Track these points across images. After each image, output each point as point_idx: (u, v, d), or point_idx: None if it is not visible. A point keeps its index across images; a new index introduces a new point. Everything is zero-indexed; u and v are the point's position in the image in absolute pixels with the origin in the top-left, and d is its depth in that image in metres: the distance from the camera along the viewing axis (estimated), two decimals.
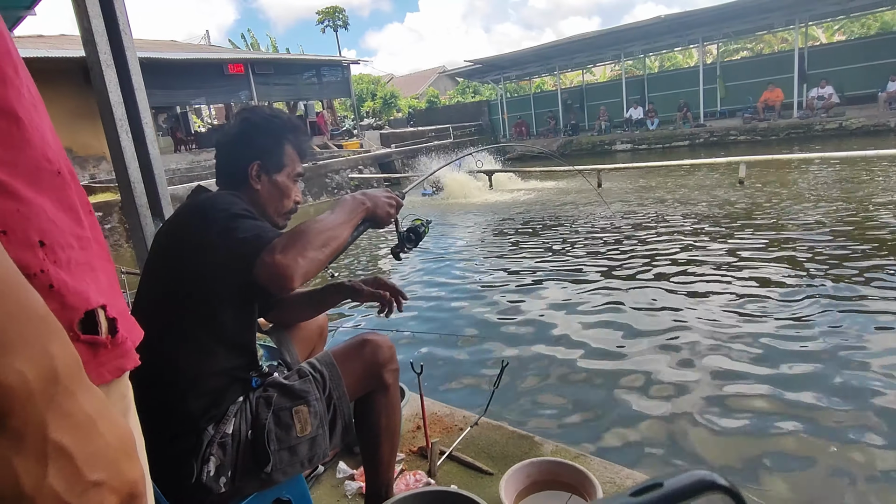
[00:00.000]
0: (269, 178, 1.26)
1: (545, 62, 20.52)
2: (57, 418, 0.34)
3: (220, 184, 1.30)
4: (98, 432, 0.36)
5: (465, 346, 3.31)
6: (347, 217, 1.17)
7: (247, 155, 1.24)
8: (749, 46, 25.22)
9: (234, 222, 1.06)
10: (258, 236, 1.03)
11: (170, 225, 1.20)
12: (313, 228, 1.07)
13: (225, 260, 1.05)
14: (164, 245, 1.16)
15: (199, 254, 1.07)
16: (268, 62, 18.28)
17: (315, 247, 1.05)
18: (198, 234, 1.08)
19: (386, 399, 1.32)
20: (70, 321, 0.45)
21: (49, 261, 0.44)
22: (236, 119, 1.28)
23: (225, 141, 1.28)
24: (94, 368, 0.46)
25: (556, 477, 1.54)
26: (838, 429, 2.15)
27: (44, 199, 0.45)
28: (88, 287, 0.48)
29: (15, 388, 0.32)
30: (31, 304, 0.35)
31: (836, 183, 7.69)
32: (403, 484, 1.65)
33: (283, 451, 1.14)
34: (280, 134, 1.27)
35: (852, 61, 15.41)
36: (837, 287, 3.61)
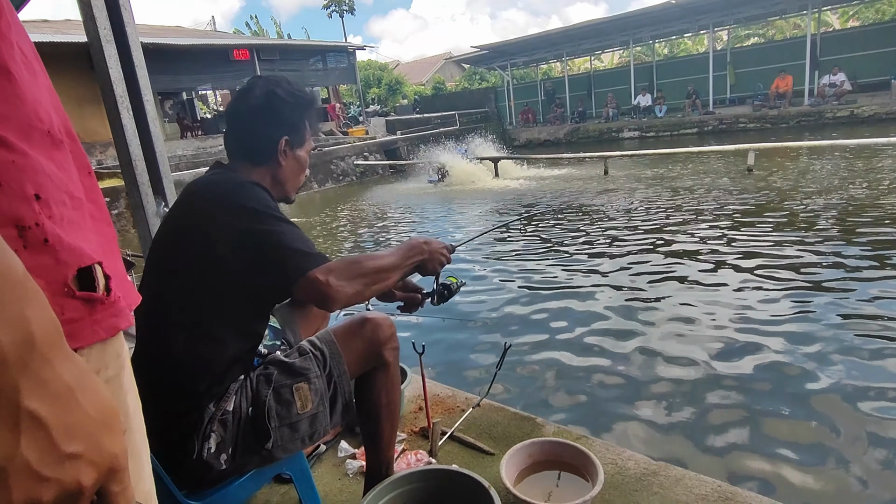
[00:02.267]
0: (293, 153, 1.24)
1: (552, 48, 20.27)
2: (32, 386, 0.32)
3: (238, 158, 1.23)
4: (77, 402, 0.35)
5: (469, 329, 3.31)
6: (403, 261, 1.19)
7: (276, 129, 1.20)
8: (760, 32, 24.77)
9: (279, 226, 1.04)
10: (309, 253, 1.04)
11: (188, 207, 1.12)
12: (370, 264, 1.10)
13: (260, 260, 1.04)
14: (183, 227, 1.10)
15: (227, 246, 1.04)
16: (273, 48, 18.19)
17: (366, 282, 1.09)
18: (228, 225, 1.04)
19: (386, 377, 1.32)
20: (64, 277, 0.44)
21: (44, 215, 0.43)
22: (256, 90, 1.20)
23: (248, 112, 1.20)
24: (89, 325, 0.46)
25: (557, 457, 1.54)
26: (850, 419, 2.14)
27: (38, 155, 0.44)
28: (83, 244, 0.48)
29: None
30: (8, 266, 0.33)
31: (845, 171, 7.59)
32: (405, 463, 1.66)
33: (284, 427, 1.14)
34: (304, 108, 1.24)
35: (865, 48, 15.11)
36: (849, 274, 3.58)
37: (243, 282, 1.06)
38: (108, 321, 0.48)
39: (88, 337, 0.45)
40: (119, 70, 1.60)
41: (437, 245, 1.28)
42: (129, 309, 0.53)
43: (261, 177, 1.21)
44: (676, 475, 1.52)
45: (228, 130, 1.23)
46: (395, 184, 13.11)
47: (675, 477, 1.51)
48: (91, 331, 0.46)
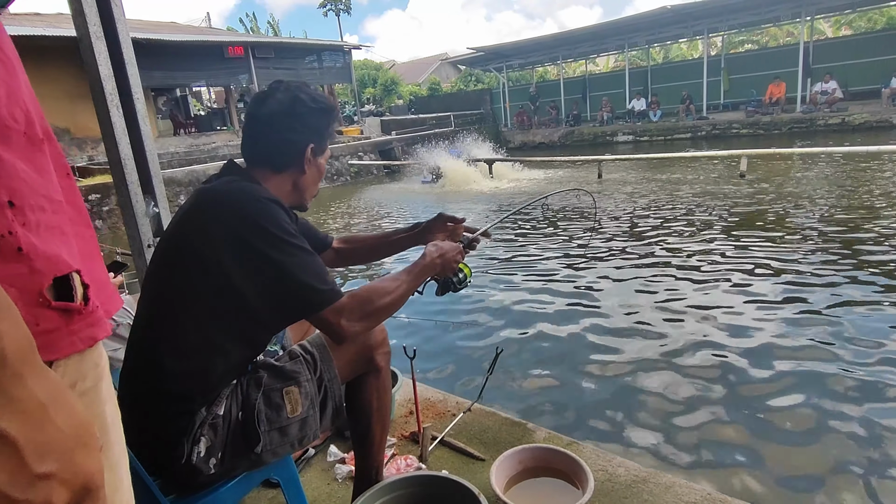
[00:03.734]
0: (315, 161, 1.21)
1: (548, 51, 20.33)
2: (2, 404, 0.31)
3: (258, 163, 1.18)
4: (49, 420, 0.33)
5: (460, 333, 3.30)
6: (418, 282, 1.21)
7: (302, 136, 1.17)
8: (754, 39, 24.98)
9: (295, 255, 1.02)
10: (322, 290, 1.03)
11: (201, 216, 1.06)
12: (382, 302, 1.10)
13: (272, 290, 1.02)
14: (194, 237, 1.05)
15: (240, 269, 1.01)
16: (268, 46, 18.09)
17: (377, 318, 1.11)
18: (244, 248, 1.01)
19: (377, 382, 1.31)
20: (39, 286, 0.42)
21: (17, 222, 0.41)
22: (279, 94, 1.16)
23: (272, 118, 1.15)
24: (66, 336, 0.44)
25: (547, 464, 1.53)
26: (843, 418, 2.15)
27: (13, 158, 0.43)
28: (60, 251, 0.46)
29: None
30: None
31: (836, 177, 7.66)
32: (394, 468, 1.64)
33: (274, 431, 1.12)
34: (328, 114, 1.21)
35: (857, 56, 15.28)
36: (839, 279, 3.60)
37: (252, 304, 1.04)
38: (85, 331, 0.46)
39: (65, 348, 0.44)
40: (109, 67, 1.58)
41: (451, 253, 1.28)
42: (108, 317, 0.52)
43: (281, 184, 1.18)
44: (666, 482, 1.52)
45: (249, 135, 1.19)
46: (390, 184, 13.09)
47: (664, 484, 1.51)
48: (68, 342, 0.44)
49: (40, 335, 0.42)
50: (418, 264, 1.21)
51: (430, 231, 1.49)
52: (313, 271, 1.03)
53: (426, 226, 1.50)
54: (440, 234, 1.48)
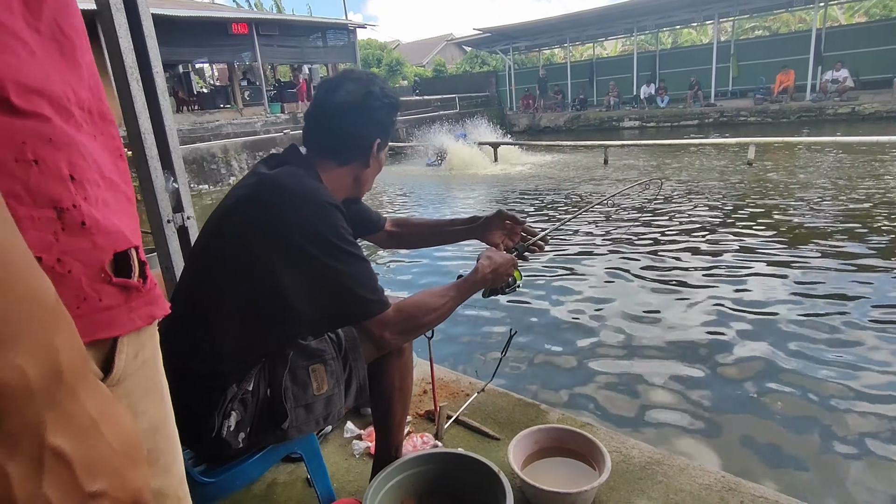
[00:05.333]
0: (378, 155, 1.21)
1: (556, 33, 20.05)
2: (57, 421, 0.30)
3: (322, 154, 1.17)
4: (101, 436, 0.33)
5: (473, 313, 3.31)
6: (465, 299, 1.21)
7: (372, 130, 1.16)
8: (766, 25, 24.58)
9: (351, 265, 1.03)
10: (371, 301, 1.05)
11: (255, 209, 1.04)
12: (428, 319, 1.12)
13: (323, 294, 1.04)
14: (243, 227, 1.05)
15: (290, 269, 1.02)
16: (273, 23, 17.83)
17: (421, 332, 1.15)
18: (295, 248, 1.01)
19: (400, 362, 1.32)
20: (101, 261, 0.42)
21: (80, 196, 0.41)
22: (351, 85, 1.15)
23: (344, 110, 1.13)
24: (126, 314, 0.44)
25: (563, 444, 1.55)
26: (856, 416, 2.17)
27: (72, 133, 0.42)
28: (120, 226, 0.46)
29: (13, 387, 0.29)
30: (40, 291, 0.31)
31: (844, 167, 7.62)
32: (411, 445, 1.67)
33: (300, 408, 1.13)
34: (395, 110, 1.21)
35: (869, 44, 15.05)
36: (845, 269, 3.61)
37: (298, 306, 1.06)
38: (144, 309, 0.46)
39: (126, 325, 0.44)
40: (129, 40, 1.55)
41: (504, 267, 1.27)
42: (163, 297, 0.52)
43: (343, 176, 1.18)
44: (680, 465, 1.54)
45: (315, 124, 1.17)
46: (393, 166, 13.02)
47: (678, 466, 1.53)
48: (128, 318, 0.44)
49: (103, 311, 0.42)
50: (469, 280, 1.21)
51: (488, 228, 1.47)
52: (364, 281, 1.04)
53: (485, 222, 1.48)
54: (498, 231, 1.46)
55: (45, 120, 0.38)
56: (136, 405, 0.46)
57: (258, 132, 14.54)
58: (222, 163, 11.81)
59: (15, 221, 0.33)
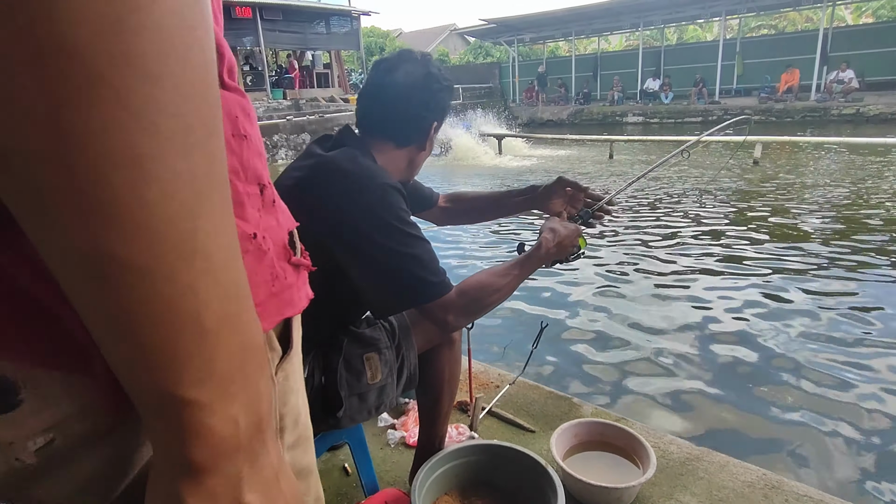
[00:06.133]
0: (433, 138, 1.20)
1: (561, 26, 19.91)
2: (252, 475, 0.28)
3: (380, 134, 1.14)
4: (279, 491, 0.30)
5: (502, 305, 3.28)
6: (529, 274, 1.16)
7: (432, 112, 1.15)
8: (772, 23, 24.50)
9: (413, 247, 1.00)
10: (434, 283, 1.01)
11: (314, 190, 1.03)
12: (493, 298, 1.08)
13: (385, 278, 1.01)
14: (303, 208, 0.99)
15: (352, 252, 1.00)
16: (276, 7, 17.60)
17: (485, 313, 1.10)
18: (356, 231, 0.99)
19: (451, 353, 1.30)
20: (283, 240, 0.41)
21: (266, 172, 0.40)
22: (410, 65, 1.13)
23: (406, 92, 1.11)
24: (297, 292, 0.42)
25: (604, 438, 1.54)
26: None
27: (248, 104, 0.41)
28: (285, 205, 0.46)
29: (227, 440, 0.26)
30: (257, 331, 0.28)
31: (849, 168, 7.63)
32: (446, 436, 1.66)
33: (353, 397, 1.12)
34: (452, 93, 1.19)
35: (875, 45, 14.99)
36: (850, 271, 3.61)
37: (360, 289, 1.04)
38: (305, 289, 0.44)
39: (298, 304, 0.42)
40: None
41: (569, 239, 1.20)
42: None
43: (398, 159, 1.16)
44: (720, 461, 1.54)
45: (374, 104, 1.14)
46: None
47: (719, 463, 1.53)
48: (299, 297, 0.42)
49: (287, 289, 0.40)
50: (533, 256, 1.15)
51: (548, 196, 1.41)
52: (427, 264, 1.01)
53: (545, 190, 1.41)
54: (558, 199, 1.40)
55: (241, 93, 0.37)
56: (296, 382, 0.44)
57: (260, 118, 14.40)
58: None
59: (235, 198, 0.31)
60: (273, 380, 0.31)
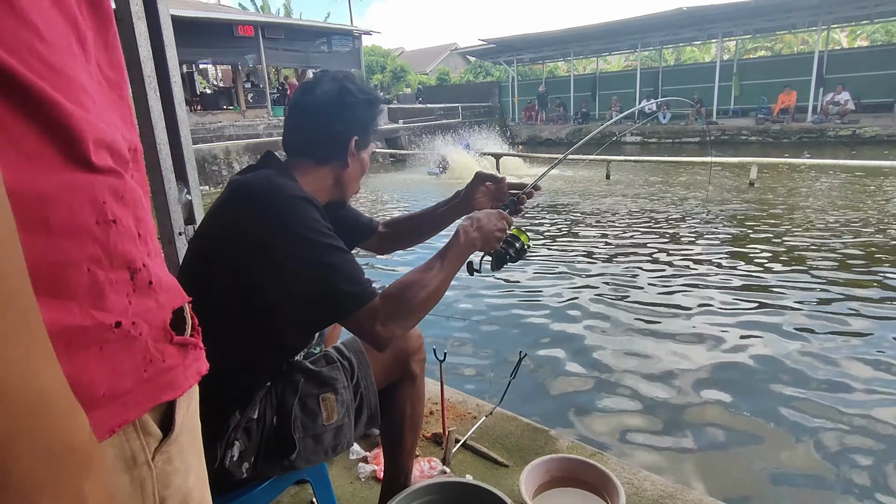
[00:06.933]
0: (358, 154, 1.15)
1: (560, 46, 20.17)
2: None
3: (299, 154, 1.13)
4: None
5: (479, 333, 3.28)
6: (456, 268, 1.09)
7: (347, 128, 1.12)
8: (768, 45, 24.81)
9: (330, 257, 0.96)
10: (360, 293, 0.96)
11: (235, 213, 1.01)
12: (419, 297, 1.01)
13: (305, 294, 0.97)
14: (220, 235, 1.02)
15: (272, 271, 0.96)
16: (279, 26, 17.91)
17: (417, 315, 1.02)
18: (275, 246, 0.95)
19: (412, 389, 1.29)
20: (164, 321, 0.40)
21: (145, 253, 0.39)
22: (326, 84, 1.12)
23: (319, 108, 1.10)
24: (182, 372, 0.41)
25: (576, 475, 1.52)
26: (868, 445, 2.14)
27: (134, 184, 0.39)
28: (174, 280, 0.43)
29: None
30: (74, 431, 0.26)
31: (845, 190, 7.65)
32: (418, 470, 1.63)
33: (308, 438, 1.10)
34: (374, 107, 1.16)
35: (871, 68, 15.17)
36: (846, 296, 3.60)
37: (282, 307, 1.00)
38: (194, 366, 0.43)
39: (183, 384, 0.41)
40: (148, 49, 1.53)
41: (491, 222, 1.14)
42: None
43: (322, 177, 1.13)
44: (694, 499, 1.51)
45: (292, 124, 1.14)
46: (395, 173, 13.03)
47: (692, 501, 1.50)
48: (184, 377, 0.41)
49: (166, 372, 0.39)
50: (452, 245, 1.09)
51: (471, 196, 1.37)
52: (344, 272, 0.96)
53: (466, 191, 1.38)
54: (481, 196, 1.37)
55: (117, 175, 0.36)
56: (186, 460, 0.43)
57: (260, 135, 14.53)
58: (224, 164, 11.79)
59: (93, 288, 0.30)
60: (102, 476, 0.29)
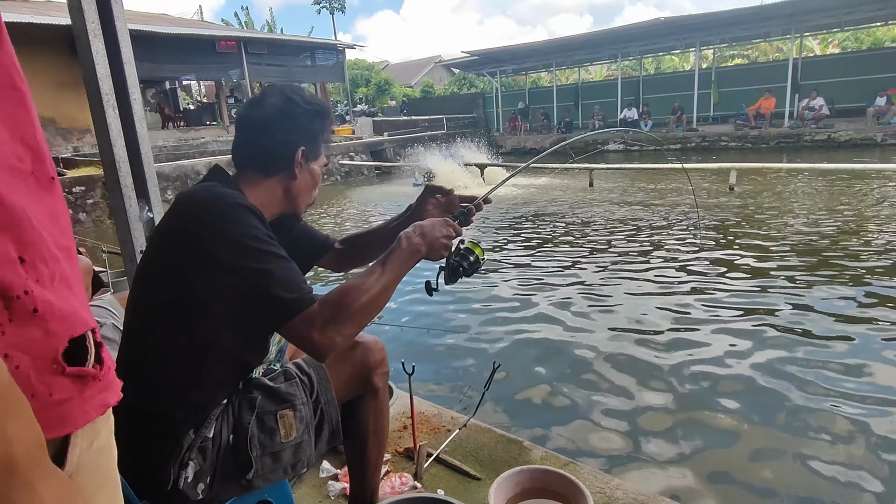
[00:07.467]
0: (307, 165, 1.14)
1: (543, 57, 20.43)
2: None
3: (246, 167, 1.12)
4: None
5: (454, 344, 3.26)
6: (399, 274, 1.06)
7: (293, 138, 1.10)
8: (745, 53, 25.36)
9: (265, 263, 0.94)
10: (296, 300, 0.94)
11: (177, 221, 1.01)
12: (358, 302, 0.97)
13: (240, 300, 0.95)
14: (162, 247, 1.01)
15: (205, 277, 0.95)
16: (261, 41, 17.93)
17: (357, 321, 0.98)
18: (212, 254, 0.94)
19: (375, 403, 1.27)
20: (54, 351, 0.38)
21: (31, 279, 0.37)
22: (272, 97, 1.12)
23: (264, 119, 1.09)
24: (79, 406, 0.39)
25: (546, 486, 1.50)
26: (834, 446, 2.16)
27: (22, 203, 0.37)
28: (77, 307, 0.41)
29: None
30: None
31: (822, 193, 7.79)
32: (388, 486, 1.61)
33: (266, 456, 1.08)
34: (322, 118, 1.15)
35: (843, 74, 15.60)
36: (819, 295, 3.64)
37: (221, 317, 0.98)
38: (98, 398, 0.41)
39: (79, 420, 0.39)
40: (106, 66, 1.52)
41: (436, 229, 1.12)
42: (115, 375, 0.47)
43: (270, 189, 1.12)
44: None
45: (238, 137, 1.13)
46: (381, 185, 13.04)
47: None
48: (81, 412, 0.39)
49: (54, 406, 0.37)
50: (393, 250, 1.07)
51: (421, 209, 1.36)
52: (279, 279, 0.93)
53: (417, 204, 1.37)
54: (432, 208, 1.36)
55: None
56: (88, 501, 0.41)
57: None
58: None
59: None
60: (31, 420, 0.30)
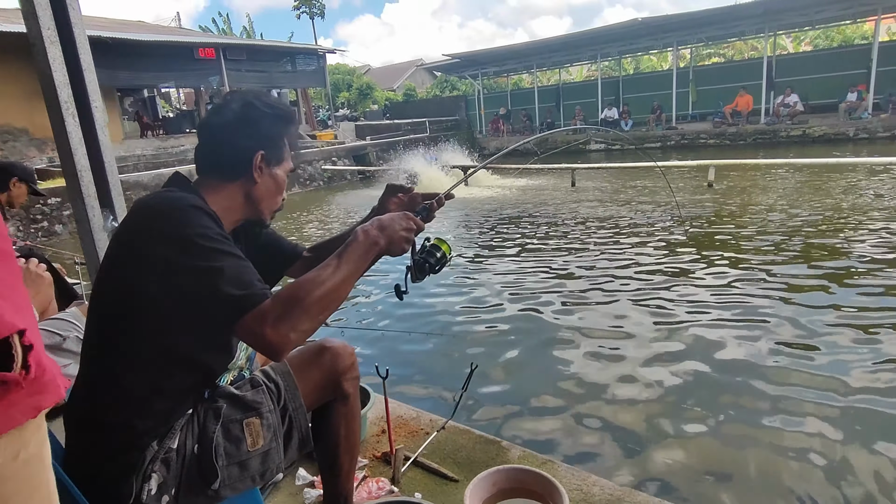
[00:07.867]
0: (269, 170, 1.12)
1: (523, 59, 20.57)
2: None
3: (206, 172, 1.11)
4: None
5: (434, 346, 3.26)
6: (356, 268, 1.01)
7: (251, 143, 1.09)
8: (721, 52, 25.79)
9: (215, 261, 0.92)
10: (247, 296, 0.91)
11: (129, 227, 1.00)
12: (313, 296, 0.93)
13: (194, 301, 0.93)
14: (121, 252, 1.00)
15: (163, 278, 0.93)
16: (241, 48, 17.79)
17: (313, 316, 0.93)
18: (160, 258, 0.92)
19: (346, 408, 1.26)
20: None
21: None
22: (235, 102, 1.10)
23: (223, 124, 1.08)
24: (3, 411, 0.38)
25: (522, 485, 1.50)
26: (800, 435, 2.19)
27: None
28: (3, 310, 0.40)
29: None
30: None
31: (799, 187, 7.94)
32: (365, 492, 1.59)
33: (233, 466, 1.06)
34: (284, 123, 1.13)
35: (816, 71, 15.97)
36: (799, 289, 3.71)
37: (174, 320, 0.96)
38: (26, 402, 0.40)
39: (3, 425, 0.38)
40: (64, 73, 1.49)
41: (395, 221, 1.09)
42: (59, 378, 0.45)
43: (231, 195, 1.10)
44: (642, 500, 1.51)
45: (199, 143, 1.12)
46: (364, 190, 12.99)
47: (641, 502, 1.50)
48: (6, 417, 0.38)
49: None
50: (350, 243, 1.03)
51: (384, 208, 1.34)
52: (229, 276, 0.91)
53: (379, 204, 1.36)
54: (395, 208, 1.34)
55: None
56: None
57: None
58: None
59: None
60: None
